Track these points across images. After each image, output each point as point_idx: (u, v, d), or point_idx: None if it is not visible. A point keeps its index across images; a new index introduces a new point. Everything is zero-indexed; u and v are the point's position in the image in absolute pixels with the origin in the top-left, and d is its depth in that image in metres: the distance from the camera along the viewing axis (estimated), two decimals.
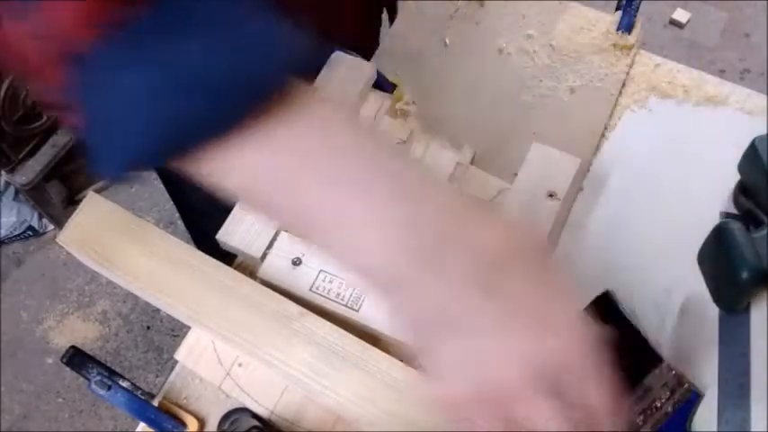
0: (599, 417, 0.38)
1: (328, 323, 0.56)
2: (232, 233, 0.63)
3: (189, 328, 0.62)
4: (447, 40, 0.81)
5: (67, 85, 0.35)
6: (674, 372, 0.60)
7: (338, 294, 0.60)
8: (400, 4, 0.84)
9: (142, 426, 0.60)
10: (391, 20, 0.84)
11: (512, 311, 0.37)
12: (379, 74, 0.72)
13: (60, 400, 1.59)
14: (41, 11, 0.34)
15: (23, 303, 1.71)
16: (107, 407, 1.56)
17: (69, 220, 0.59)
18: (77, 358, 0.60)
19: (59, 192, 1.77)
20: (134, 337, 1.65)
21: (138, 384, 0.59)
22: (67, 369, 0.59)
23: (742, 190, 0.67)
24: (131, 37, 0.34)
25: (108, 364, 0.59)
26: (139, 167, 0.37)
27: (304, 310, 0.57)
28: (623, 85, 0.74)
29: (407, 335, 0.39)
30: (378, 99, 0.70)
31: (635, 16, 0.77)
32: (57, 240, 0.59)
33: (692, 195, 0.69)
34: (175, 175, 0.38)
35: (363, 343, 0.56)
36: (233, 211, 0.63)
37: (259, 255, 0.62)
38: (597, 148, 0.73)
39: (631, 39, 0.76)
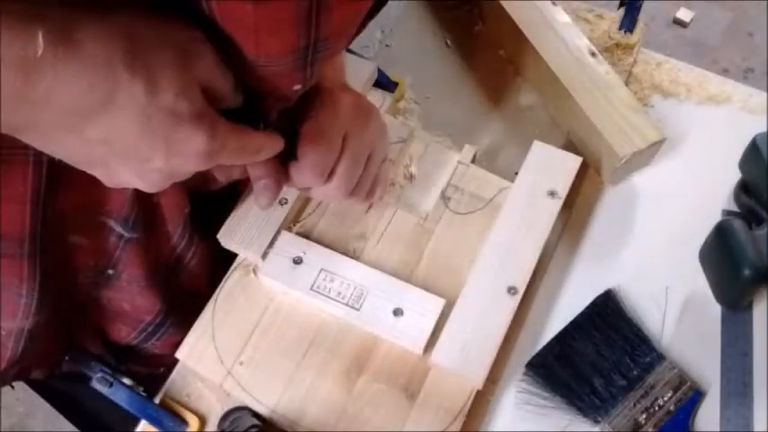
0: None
1: None
2: (233, 232, 0.63)
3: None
4: (448, 41, 0.81)
5: None
6: (676, 370, 0.60)
7: (339, 293, 0.60)
8: (403, 4, 0.84)
9: (143, 424, 0.60)
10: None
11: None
12: (380, 72, 0.72)
13: None
14: None
15: None
16: None
17: None
18: (79, 355, 0.60)
19: None
20: None
21: (139, 382, 0.60)
22: None
23: (743, 188, 0.66)
24: None
25: (109, 362, 0.60)
26: None
27: None
28: (626, 83, 0.74)
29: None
30: (379, 97, 0.70)
31: (637, 15, 0.77)
32: None
33: (694, 193, 0.69)
34: None
35: None
36: (234, 211, 0.64)
37: (260, 254, 0.62)
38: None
39: (633, 38, 0.76)
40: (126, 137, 0.38)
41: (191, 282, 0.67)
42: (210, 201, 0.65)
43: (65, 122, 0.37)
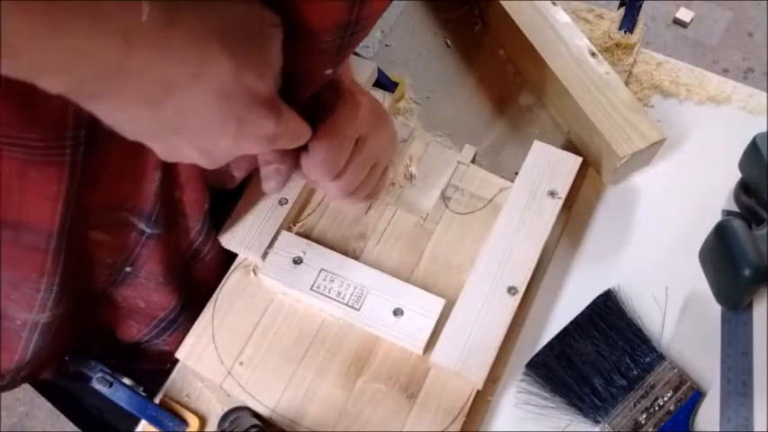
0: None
1: None
2: (233, 232, 0.63)
3: (189, 327, 0.62)
4: (448, 41, 0.81)
5: None
6: (676, 370, 0.60)
7: (339, 293, 0.60)
8: (403, 4, 0.84)
9: (143, 424, 0.60)
10: None
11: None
12: (380, 72, 0.72)
13: None
14: None
15: None
16: None
17: None
18: (79, 356, 0.60)
19: None
20: None
21: (144, 378, 0.60)
22: None
23: (743, 188, 0.67)
24: None
25: (109, 362, 0.60)
26: None
27: None
28: (626, 83, 0.74)
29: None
30: (379, 97, 0.70)
31: (637, 15, 0.77)
32: None
33: (694, 193, 0.69)
34: None
35: None
36: (234, 211, 0.64)
37: (260, 254, 0.62)
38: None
39: (633, 38, 0.76)
40: (201, 113, 0.39)
41: (205, 275, 0.67)
42: (225, 194, 0.65)
43: (148, 93, 0.37)
